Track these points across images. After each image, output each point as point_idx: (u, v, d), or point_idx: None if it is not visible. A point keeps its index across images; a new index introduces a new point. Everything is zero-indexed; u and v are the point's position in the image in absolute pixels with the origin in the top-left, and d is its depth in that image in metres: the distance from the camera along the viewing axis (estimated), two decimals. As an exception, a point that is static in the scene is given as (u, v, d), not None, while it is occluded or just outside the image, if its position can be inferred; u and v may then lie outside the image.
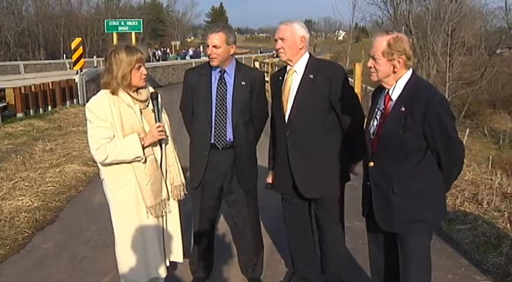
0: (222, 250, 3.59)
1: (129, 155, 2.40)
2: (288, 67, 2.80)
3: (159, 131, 2.47)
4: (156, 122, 2.52)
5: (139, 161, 2.43)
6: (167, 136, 2.59)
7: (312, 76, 2.71)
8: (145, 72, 2.46)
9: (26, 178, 5.83)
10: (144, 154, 2.42)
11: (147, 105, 2.55)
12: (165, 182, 2.59)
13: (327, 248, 2.91)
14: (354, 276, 3.00)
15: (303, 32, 2.72)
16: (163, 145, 2.57)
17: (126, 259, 2.55)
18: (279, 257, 3.66)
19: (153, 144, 2.50)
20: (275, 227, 4.02)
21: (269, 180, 3.01)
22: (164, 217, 2.62)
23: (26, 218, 4.50)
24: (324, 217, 2.85)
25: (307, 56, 2.77)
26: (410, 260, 2.23)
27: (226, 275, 3.37)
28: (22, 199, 5.00)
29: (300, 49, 2.73)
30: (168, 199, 2.61)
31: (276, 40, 2.74)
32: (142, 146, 2.42)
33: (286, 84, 2.78)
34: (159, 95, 2.60)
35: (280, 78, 2.84)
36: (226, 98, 2.86)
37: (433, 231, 2.39)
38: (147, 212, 2.51)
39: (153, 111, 2.54)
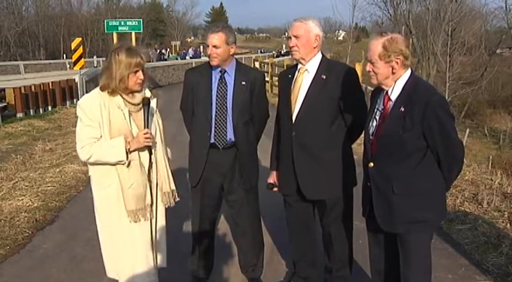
0: (222, 250, 3.59)
1: (112, 158, 2.38)
2: (299, 65, 2.74)
3: (146, 138, 2.43)
4: (144, 127, 2.46)
5: (122, 164, 2.41)
6: (155, 142, 2.53)
7: (324, 76, 2.66)
8: (141, 77, 2.42)
9: (26, 178, 5.83)
10: (127, 158, 2.39)
11: (140, 109, 2.50)
12: (151, 188, 2.54)
13: (334, 258, 2.88)
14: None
15: (318, 30, 2.66)
16: (152, 151, 2.52)
17: (108, 260, 2.59)
18: (279, 257, 3.66)
19: (140, 150, 2.46)
20: (276, 227, 4.01)
21: (271, 180, 3.00)
22: (152, 223, 2.58)
23: (26, 218, 4.50)
24: (328, 224, 2.82)
25: (320, 55, 2.72)
26: (411, 260, 2.23)
27: (226, 275, 3.37)
28: (22, 199, 5.01)
29: (314, 48, 2.67)
30: (152, 205, 2.55)
31: (290, 37, 2.68)
32: (128, 150, 2.39)
33: (296, 83, 2.73)
34: (151, 101, 2.52)
35: (290, 76, 2.79)
36: (226, 98, 2.85)
37: (433, 231, 2.39)
38: (128, 216, 2.49)
39: (143, 116, 2.48)
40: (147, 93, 2.56)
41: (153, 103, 2.55)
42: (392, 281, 2.38)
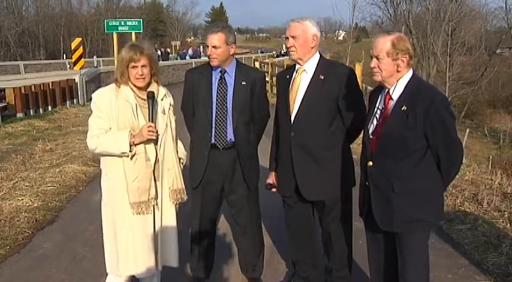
0: (222, 250, 3.59)
1: (116, 149, 2.43)
2: (297, 66, 2.74)
3: (149, 131, 2.44)
4: (148, 121, 2.48)
5: (126, 156, 2.44)
6: (165, 138, 2.54)
7: (322, 77, 2.66)
8: (140, 73, 2.44)
9: (26, 178, 5.83)
10: (130, 151, 2.42)
11: None
12: (155, 183, 2.54)
13: (334, 258, 2.88)
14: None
15: (315, 30, 2.66)
16: (160, 145, 2.53)
17: (109, 254, 2.60)
18: (279, 257, 3.67)
19: (146, 143, 2.48)
20: (276, 227, 4.02)
21: (269, 180, 3.00)
22: (157, 218, 2.57)
23: (26, 218, 4.50)
24: (328, 224, 2.82)
25: (317, 55, 2.71)
26: (409, 259, 2.23)
27: (226, 275, 3.37)
28: (22, 199, 5.01)
29: (312, 48, 2.67)
30: (156, 199, 2.55)
31: (287, 38, 2.68)
32: (132, 143, 2.42)
33: (295, 84, 2.73)
34: (165, 98, 2.58)
35: (288, 77, 2.78)
36: (226, 98, 2.85)
37: (431, 230, 2.39)
38: (132, 208, 2.51)
39: (148, 110, 2.49)
40: (161, 90, 2.59)
41: (167, 101, 2.60)
42: (392, 280, 2.38)
